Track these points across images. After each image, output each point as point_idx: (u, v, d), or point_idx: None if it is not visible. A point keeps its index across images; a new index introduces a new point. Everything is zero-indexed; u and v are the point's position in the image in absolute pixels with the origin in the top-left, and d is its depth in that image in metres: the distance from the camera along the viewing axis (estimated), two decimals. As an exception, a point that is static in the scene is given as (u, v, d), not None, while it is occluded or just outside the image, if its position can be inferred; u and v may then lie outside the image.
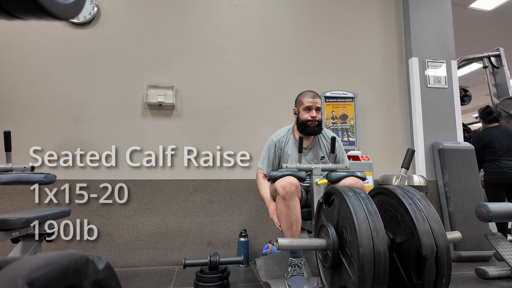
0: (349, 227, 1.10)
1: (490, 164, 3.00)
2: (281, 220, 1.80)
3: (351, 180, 1.79)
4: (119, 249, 2.48)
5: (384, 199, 1.25)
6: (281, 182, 1.75)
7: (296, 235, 1.80)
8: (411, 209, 1.09)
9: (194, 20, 2.84)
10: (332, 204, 1.29)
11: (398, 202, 1.15)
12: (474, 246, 2.65)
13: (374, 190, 1.34)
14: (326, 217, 1.35)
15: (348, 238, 1.11)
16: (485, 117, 3.19)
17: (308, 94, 2.02)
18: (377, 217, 1.07)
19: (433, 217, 1.09)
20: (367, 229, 1.03)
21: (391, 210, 1.20)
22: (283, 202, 1.76)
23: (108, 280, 0.43)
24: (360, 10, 3.19)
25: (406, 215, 1.10)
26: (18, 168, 1.70)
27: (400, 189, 1.20)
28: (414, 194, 1.17)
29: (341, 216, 1.18)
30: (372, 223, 1.05)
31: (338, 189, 1.22)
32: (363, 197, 1.14)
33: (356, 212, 1.07)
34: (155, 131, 2.67)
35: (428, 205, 1.13)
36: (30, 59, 2.56)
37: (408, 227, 1.10)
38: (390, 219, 1.20)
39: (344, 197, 1.14)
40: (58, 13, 0.34)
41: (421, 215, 1.08)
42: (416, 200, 1.13)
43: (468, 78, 7.14)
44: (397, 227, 1.16)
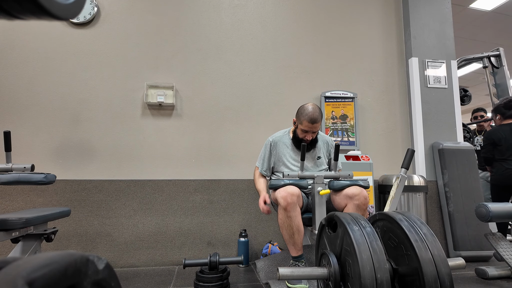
0: (352, 263, 1.09)
1: (497, 164, 2.88)
2: (283, 229, 1.80)
3: (354, 190, 1.78)
4: (119, 249, 2.48)
5: (388, 226, 1.24)
6: (282, 192, 1.75)
7: (298, 243, 1.81)
8: (416, 246, 1.08)
9: (194, 20, 2.84)
10: (336, 230, 1.27)
11: (404, 236, 1.13)
12: (474, 246, 2.65)
13: (379, 215, 1.32)
14: (328, 242, 1.34)
15: (351, 274, 1.11)
16: (505, 112, 2.96)
17: (309, 118, 1.91)
18: (381, 255, 1.06)
19: (439, 254, 1.08)
20: (371, 271, 1.02)
21: (396, 240, 1.19)
22: (284, 213, 1.76)
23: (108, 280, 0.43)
24: (360, 10, 3.19)
25: (411, 251, 1.09)
26: (18, 168, 1.70)
27: (405, 219, 1.18)
28: (421, 227, 1.16)
29: (345, 248, 1.17)
30: (376, 264, 1.04)
31: (342, 219, 1.20)
32: (369, 233, 1.12)
33: (360, 252, 1.06)
34: (155, 131, 2.67)
35: (434, 240, 1.12)
36: (30, 59, 2.56)
37: (413, 264, 1.08)
38: (394, 249, 1.19)
39: (349, 231, 1.13)
40: (58, 13, 0.34)
41: (429, 258, 1.07)
42: (422, 235, 1.12)
43: (468, 78, 7.15)
44: (401, 259, 1.15)
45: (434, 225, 2.87)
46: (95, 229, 2.47)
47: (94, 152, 2.57)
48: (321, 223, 1.42)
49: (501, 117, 3.00)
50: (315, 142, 2.06)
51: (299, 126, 1.98)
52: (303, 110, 1.96)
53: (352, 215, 1.23)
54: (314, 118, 1.91)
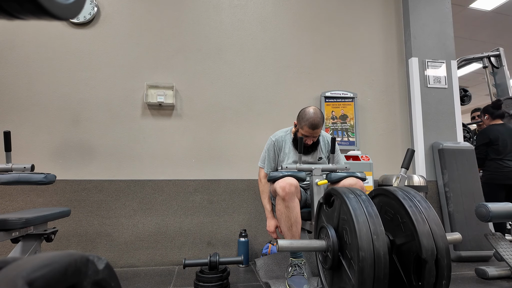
0: (349, 230, 1.10)
1: (493, 163, 2.94)
2: (281, 221, 1.80)
3: (351, 180, 1.79)
4: (119, 249, 2.48)
5: (385, 201, 1.25)
6: (280, 183, 1.76)
7: (296, 235, 1.81)
8: (411, 211, 1.09)
9: (194, 20, 2.84)
10: (333, 205, 1.29)
11: (399, 204, 1.15)
12: (474, 246, 2.65)
13: (375, 191, 1.34)
14: (326, 218, 1.35)
15: (348, 241, 1.11)
16: (493, 112, 3.10)
17: (310, 124, 1.88)
18: (377, 219, 1.07)
19: (433, 218, 1.09)
20: (367, 232, 1.03)
21: (392, 212, 1.20)
22: (282, 203, 1.76)
23: (108, 280, 0.43)
24: (360, 10, 3.19)
25: (406, 217, 1.10)
26: (18, 168, 1.70)
27: (400, 190, 1.20)
28: (415, 195, 1.17)
29: (342, 218, 1.18)
30: (372, 226, 1.05)
31: (338, 190, 1.22)
32: (364, 200, 1.13)
33: (356, 215, 1.07)
34: (155, 131, 2.67)
35: (428, 206, 1.13)
36: (30, 59, 2.56)
37: (408, 229, 1.10)
38: (391, 221, 1.20)
39: (345, 199, 1.14)
40: (58, 13, 0.34)
41: (421, 217, 1.08)
42: (417, 202, 1.13)
43: (468, 78, 7.15)
44: (397, 229, 1.16)
45: (434, 225, 2.87)
46: (95, 229, 2.47)
47: (94, 152, 2.57)
48: (319, 202, 1.43)
49: (489, 117, 3.12)
50: (316, 144, 2.06)
51: (299, 130, 1.96)
52: (304, 115, 1.91)
53: (348, 188, 1.25)
54: (315, 124, 1.88)
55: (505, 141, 2.93)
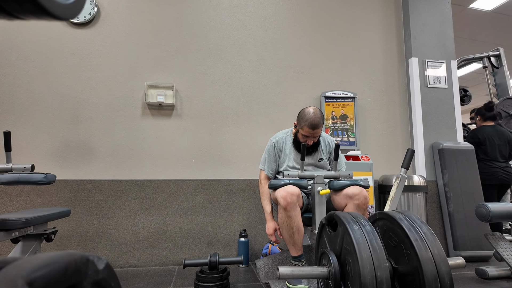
0: (352, 262, 1.09)
1: (481, 164, 2.99)
2: (283, 229, 1.80)
3: (354, 189, 1.77)
4: (119, 249, 2.48)
5: (389, 226, 1.24)
6: (282, 192, 1.74)
7: (298, 243, 1.80)
8: (417, 245, 1.08)
9: (194, 20, 2.84)
10: (336, 230, 1.27)
11: (404, 235, 1.13)
12: (474, 246, 2.65)
13: (378, 214, 1.32)
14: (328, 241, 1.34)
15: (351, 273, 1.11)
16: (484, 113, 3.19)
17: (310, 124, 1.86)
18: (381, 254, 1.06)
19: (439, 253, 1.08)
20: (371, 270, 1.02)
21: (396, 240, 1.19)
22: (284, 213, 1.75)
23: (108, 280, 0.43)
24: (360, 10, 3.19)
25: (411, 250, 1.09)
26: (18, 168, 1.70)
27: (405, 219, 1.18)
28: (421, 226, 1.16)
29: (345, 247, 1.17)
30: (376, 262, 1.04)
31: (342, 219, 1.21)
32: (368, 232, 1.12)
33: (360, 251, 1.06)
34: (155, 131, 2.67)
35: (434, 239, 1.12)
36: (30, 59, 2.56)
37: (413, 262, 1.08)
38: (394, 248, 1.20)
39: (349, 230, 1.13)
40: (58, 13, 0.34)
41: (428, 256, 1.07)
42: (422, 234, 1.12)
43: (468, 78, 7.15)
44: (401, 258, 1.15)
45: (434, 225, 2.87)
46: (95, 229, 2.47)
47: (94, 152, 2.57)
48: (321, 222, 1.42)
49: (481, 118, 3.23)
50: (317, 144, 2.05)
51: (300, 131, 1.95)
52: (304, 115, 1.90)
53: (352, 214, 1.23)
54: (314, 124, 1.86)
55: (493, 142, 3.03)
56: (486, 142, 3.04)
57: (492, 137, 3.05)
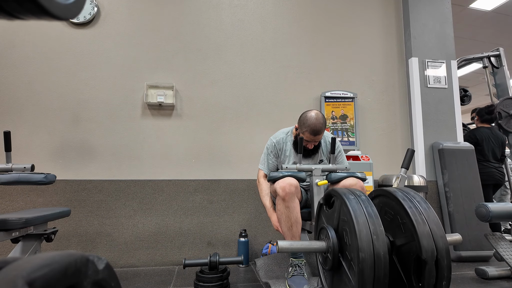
0: (349, 231, 1.10)
1: (478, 164, 2.99)
2: (281, 221, 1.80)
3: (351, 181, 1.79)
4: (119, 249, 2.48)
5: (385, 201, 1.25)
6: (280, 183, 1.75)
7: (297, 236, 1.80)
8: (411, 212, 1.09)
9: (194, 20, 2.84)
10: (333, 206, 1.28)
11: (398, 205, 1.15)
12: (474, 246, 2.65)
13: (375, 192, 1.34)
14: (326, 219, 1.35)
15: (348, 242, 1.11)
16: (483, 115, 3.28)
17: (311, 130, 1.85)
18: (377, 220, 1.07)
19: (433, 219, 1.09)
20: (367, 233, 1.03)
21: (392, 213, 1.20)
22: (282, 203, 1.76)
23: (108, 280, 0.43)
24: (360, 10, 3.19)
25: (406, 218, 1.10)
26: (18, 168, 1.70)
27: (400, 191, 1.20)
28: (414, 196, 1.17)
29: (342, 219, 1.18)
30: (372, 227, 1.05)
31: (338, 191, 1.22)
32: (364, 200, 1.13)
33: (356, 216, 1.07)
34: (155, 131, 2.67)
35: (428, 207, 1.13)
36: (30, 59, 2.56)
37: (408, 230, 1.10)
38: (391, 222, 1.20)
39: (345, 200, 1.14)
40: (58, 13, 0.34)
41: (421, 218, 1.08)
42: (416, 202, 1.13)
43: (468, 78, 7.15)
44: (397, 230, 1.16)
45: (434, 225, 2.87)
46: (95, 229, 2.47)
47: (94, 152, 2.57)
48: (319, 202, 1.43)
49: (479, 119, 3.33)
50: (318, 147, 2.05)
51: (300, 135, 1.93)
52: (305, 120, 1.87)
53: (348, 189, 1.25)
54: (316, 130, 1.85)
55: (489, 144, 3.13)
56: (483, 143, 3.13)
57: (488, 139, 3.15)
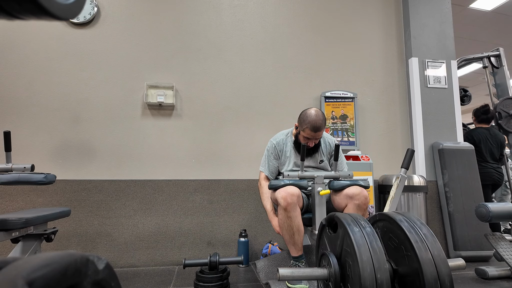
0: (352, 264, 1.09)
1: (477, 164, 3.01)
2: (283, 229, 1.80)
3: (354, 189, 1.77)
4: (119, 249, 2.48)
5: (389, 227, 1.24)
6: (282, 193, 1.74)
7: (299, 243, 1.80)
8: (417, 246, 1.08)
9: (194, 20, 2.84)
10: (336, 231, 1.27)
11: (404, 236, 1.13)
12: (474, 246, 2.65)
13: (378, 215, 1.32)
14: (329, 242, 1.34)
15: (351, 275, 1.11)
16: (479, 115, 3.30)
17: (312, 127, 1.84)
18: (381, 255, 1.06)
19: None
20: (371, 272, 1.02)
21: (396, 241, 1.19)
22: (284, 213, 1.75)
23: (108, 280, 0.43)
24: (360, 10, 3.19)
25: (411, 252, 1.09)
26: (18, 168, 1.70)
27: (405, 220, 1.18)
28: (420, 227, 1.16)
29: (345, 249, 1.17)
30: (376, 263, 1.04)
31: (342, 220, 1.21)
32: (369, 234, 1.12)
33: (361, 253, 1.06)
34: (155, 131, 2.67)
35: (434, 241, 1.12)
36: (30, 59, 2.56)
37: (413, 265, 1.09)
38: (394, 249, 1.20)
39: (349, 232, 1.13)
40: (58, 13, 0.34)
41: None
42: (423, 235, 1.12)
43: (468, 78, 7.15)
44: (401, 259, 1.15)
45: (434, 225, 2.87)
46: (95, 229, 2.47)
47: (94, 152, 2.57)
48: (321, 223, 1.42)
49: (476, 120, 3.35)
50: (318, 146, 2.04)
51: (301, 133, 1.93)
52: (305, 117, 1.87)
53: (352, 216, 1.23)
54: (317, 126, 1.84)
55: (487, 144, 3.13)
56: (480, 144, 3.13)
57: (487, 139, 3.15)
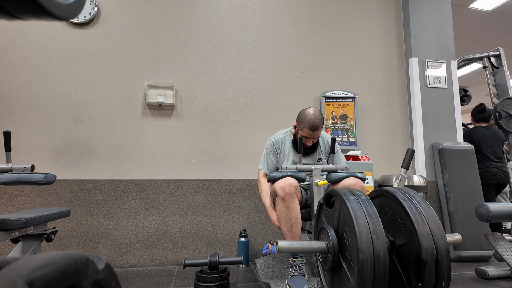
0: (349, 231, 1.10)
1: (479, 164, 2.99)
2: (281, 221, 1.80)
3: (351, 180, 1.79)
4: (119, 249, 2.48)
5: (385, 201, 1.25)
6: (280, 183, 1.75)
7: (297, 236, 1.80)
8: (411, 212, 1.09)
9: (194, 20, 2.84)
10: (333, 206, 1.28)
11: (399, 205, 1.15)
12: (474, 246, 2.65)
13: (375, 192, 1.33)
14: (326, 218, 1.35)
15: (348, 242, 1.11)
16: (476, 115, 3.30)
17: (310, 126, 1.87)
18: (377, 220, 1.07)
19: (433, 219, 1.09)
20: (367, 234, 1.03)
21: (392, 213, 1.20)
22: (282, 204, 1.76)
23: (108, 280, 0.43)
24: (360, 10, 3.19)
25: (406, 218, 1.10)
26: (18, 168, 1.70)
27: (400, 191, 1.20)
28: (414, 196, 1.17)
29: (342, 219, 1.18)
30: (372, 226, 1.05)
31: (339, 192, 1.22)
32: (364, 200, 1.13)
33: (356, 217, 1.07)
34: (155, 131, 2.67)
35: (428, 207, 1.13)
36: (30, 59, 2.56)
37: (408, 230, 1.10)
38: (391, 222, 1.20)
39: (345, 200, 1.14)
40: (58, 13, 0.34)
41: (421, 218, 1.08)
42: (416, 202, 1.13)
43: (468, 78, 7.14)
44: (397, 230, 1.16)
45: (434, 225, 2.87)
46: (95, 229, 2.47)
47: (94, 152, 2.57)
48: (319, 202, 1.43)
49: (473, 119, 3.35)
50: (316, 145, 2.05)
51: (299, 132, 1.95)
52: (304, 116, 1.90)
53: (348, 189, 1.25)
54: (315, 125, 1.87)
55: (487, 143, 3.10)
56: (480, 143, 3.11)
57: (486, 138, 3.12)
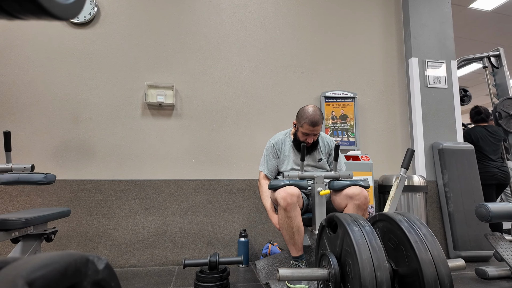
0: (352, 263, 1.09)
1: (478, 163, 2.99)
2: (283, 229, 1.80)
3: (354, 189, 1.77)
4: (119, 249, 2.48)
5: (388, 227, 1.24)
6: (281, 193, 1.74)
7: (299, 243, 1.80)
8: (416, 247, 1.08)
9: (194, 20, 2.84)
10: (336, 232, 1.27)
11: (404, 237, 1.13)
12: (474, 246, 2.65)
13: (378, 216, 1.32)
14: (328, 243, 1.34)
15: (351, 275, 1.11)
16: (474, 117, 3.35)
17: (310, 121, 1.87)
18: (381, 255, 1.06)
19: (439, 255, 1.08)
20: (371, 271, 1.02)
21: (396, 241, 1.19)
22: (284, 213, 1.76)
23: (108, 280, 0.43)
24: (360, 10, 3.19)
25: (411, 252, 1.09)
26: (18, 168, 1.70)
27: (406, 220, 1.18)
28: (420, 227, 1.16)
29: (345, 249, 1.17)
30: (376, 262, 1.04)
31: (342, 220, 1.20)
32: (368, 233, 1.12)
33: (360, 252, 1.06)
34: (155, 131, 2.67)
35: (434, 241, 1.12)
36: (30, 59, 2.56)
37: (413, 265, 1.09)
38: (394, 250, 1.20)
39: (349, 231, 1.13)
40: (58, 13, 0.34)
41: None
42: (422, 235, 1.12)
43: (468, 78, 7.14)
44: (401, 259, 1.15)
45: (434, 225, 2.87)
46: (95, 229, 2.47)
47: (94, 152, 2.57)
48: (321, 224, 1.42)
49: (472, 121, 3.39)
50: (316, 144, 2.05)
51: (299, 129, 1.95)
52: (303, 113, 1.91)
53: (352, 216, 1.23)
54: (315, 121, 1.87)
55: (487, 142, 3.11)
56: (479, 142, 3.12)
57: (485, 137, 3.13)
